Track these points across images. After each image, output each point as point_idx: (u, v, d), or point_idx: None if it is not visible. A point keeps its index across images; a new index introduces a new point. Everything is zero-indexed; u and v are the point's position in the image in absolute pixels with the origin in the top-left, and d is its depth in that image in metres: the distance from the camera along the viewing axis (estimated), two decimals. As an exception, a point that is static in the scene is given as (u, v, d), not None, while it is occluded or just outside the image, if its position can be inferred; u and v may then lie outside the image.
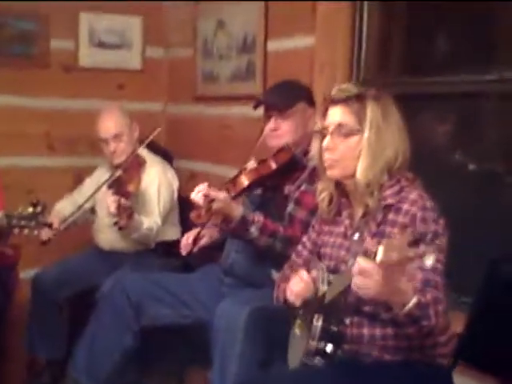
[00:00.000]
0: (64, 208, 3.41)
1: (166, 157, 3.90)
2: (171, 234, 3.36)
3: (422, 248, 1.40)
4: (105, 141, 3.32)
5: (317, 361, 1.89)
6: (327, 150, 1.97)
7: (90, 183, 3.50)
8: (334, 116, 1.96)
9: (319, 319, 1.89)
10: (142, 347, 2.75)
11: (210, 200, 2.40)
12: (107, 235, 3.34)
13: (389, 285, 1.59)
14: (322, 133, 2.00)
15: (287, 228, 2.52)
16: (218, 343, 2.36)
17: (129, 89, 4.15)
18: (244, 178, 2.54)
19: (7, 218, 2.69)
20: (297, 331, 2.06)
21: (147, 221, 3.19)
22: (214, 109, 3.88)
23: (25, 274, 3.40)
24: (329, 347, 1.88)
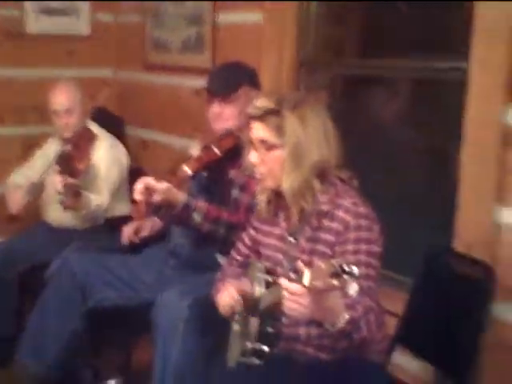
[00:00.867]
0: (20, 183, 3.35)
1: (117, 123, 3.86)
2: (120, 210, 3.34)
3: (345, 277, 1.42)
4: (56, 113, 3.28)
5: (253, 360, 1.93)
6: (255, 165, 1.99)
7: (41, 157, 3.44)
8: (256, 132, 1.96)
9: (255, 321, 1.91)
10: (89, 328, 2.75)
11: (151, 192, 2.39)
12: (55, 212, 3.30)
13: (318, 306, 1.61)
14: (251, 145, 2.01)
15: (232, 213, 2.52)
16: (160, 333, 2.38)
17: (78, 55, 4.06)
18: (188, 168, 2.53)
19: None
20: (236, 327, 2.09)
21: (96, 198, 3.18)
22: (166, 78, 3.83)
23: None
24: (265, 348, 1.92)
